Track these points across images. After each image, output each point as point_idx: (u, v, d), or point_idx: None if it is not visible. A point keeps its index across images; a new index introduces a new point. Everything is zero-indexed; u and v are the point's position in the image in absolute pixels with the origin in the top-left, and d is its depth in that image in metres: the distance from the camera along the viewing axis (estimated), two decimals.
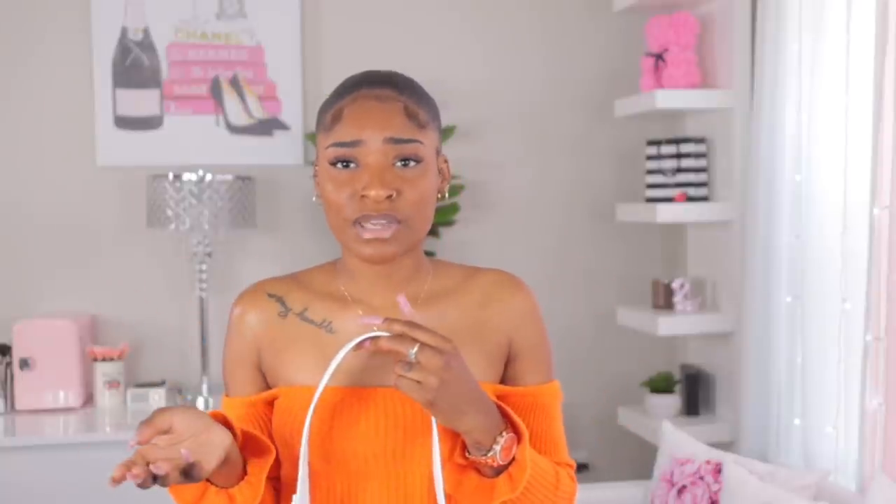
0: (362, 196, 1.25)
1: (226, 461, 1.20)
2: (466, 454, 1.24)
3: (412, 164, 1.27)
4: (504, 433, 1.22)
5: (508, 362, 1.38)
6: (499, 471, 1.24)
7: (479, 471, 1.25)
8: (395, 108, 1.28)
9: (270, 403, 1.37)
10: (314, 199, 1.35)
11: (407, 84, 1.33)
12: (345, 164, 1.27)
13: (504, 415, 1.25)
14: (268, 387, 1.38)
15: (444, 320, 1.35)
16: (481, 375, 1.33)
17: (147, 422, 1.15)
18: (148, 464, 1.12)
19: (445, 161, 1.38)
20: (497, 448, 1.21)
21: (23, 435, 2.73)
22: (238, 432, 1.25)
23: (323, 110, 1.33)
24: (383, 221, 1.25)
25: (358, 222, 1.26)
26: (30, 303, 3.21)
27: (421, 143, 1.28)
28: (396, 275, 1.35)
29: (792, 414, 2.79)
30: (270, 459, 1.27)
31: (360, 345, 1.19)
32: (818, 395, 2.67)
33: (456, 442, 1.26)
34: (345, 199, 1.26)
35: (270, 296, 1.38)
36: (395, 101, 1.29)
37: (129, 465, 1.11)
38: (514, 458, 1.23)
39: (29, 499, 2.72)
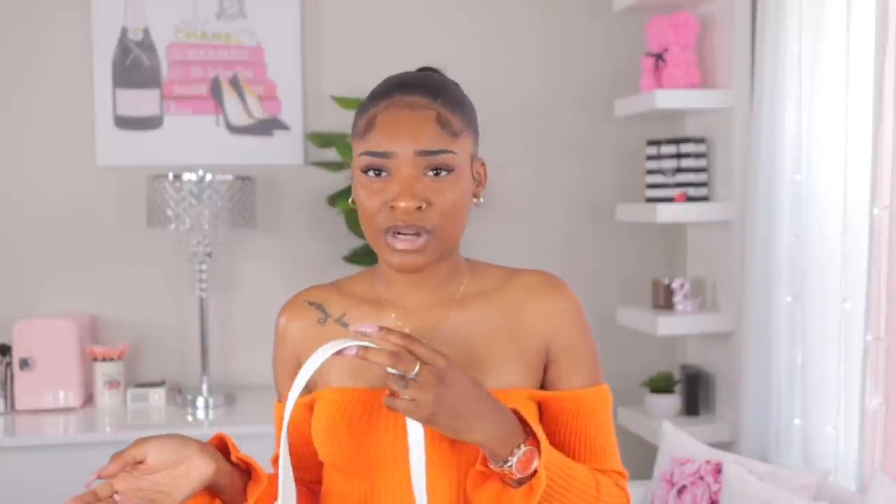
0: (392, 206, 1.25)
1: (217, 487, 1.25)
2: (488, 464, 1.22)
3: (444, 173, 1.27)
4: (522, 445, 1.19)
5: (548, 365, 1.36)
6: (522, 481, 1.21)
7: (502, 479, 1.22)
8: (428, 116, 1.26)
9: (311, 407, 1.38)
10: (350, 201, 1.36)
11: (442, 89, 1.30)
12: (376, 172, 1.27)
13: (524, 424, 1.23)
14: (310, 392, 1.39)
15: (480, 322, 1.34)
16: (517, 381, 1.31)
17: (118, 454, 1.18)
18: (113, 493, 1.16)
19: (482, 165, 1.37)
20: (513, 460, 1.19)
21: (23, 435, 2.73)
22: (234, 459, 1.27)
23: (358, 114, 1.32)
24: (412, 233, 1.25)
25: (389, 232, 1.26)
26: (30, 303, 3.21)
27: (453, 153, 1.27)
28: (431, 278, 1.35)
29: (792, 414, 2.79)
30: (261, 488, 1.28)
31: (340, 352, 1.17)
32: (818, 395, 2.67)
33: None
34: (376, 208, 1.26)
35: (311, 304, 1.40)
36: (428, 109, 1.27)
37: (95, 495, 1.14)
38: (535, 471, 1.20)
39: (29, 499, 2.72)
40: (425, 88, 1.29)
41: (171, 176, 2.95)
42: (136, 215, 3.25)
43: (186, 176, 2.95)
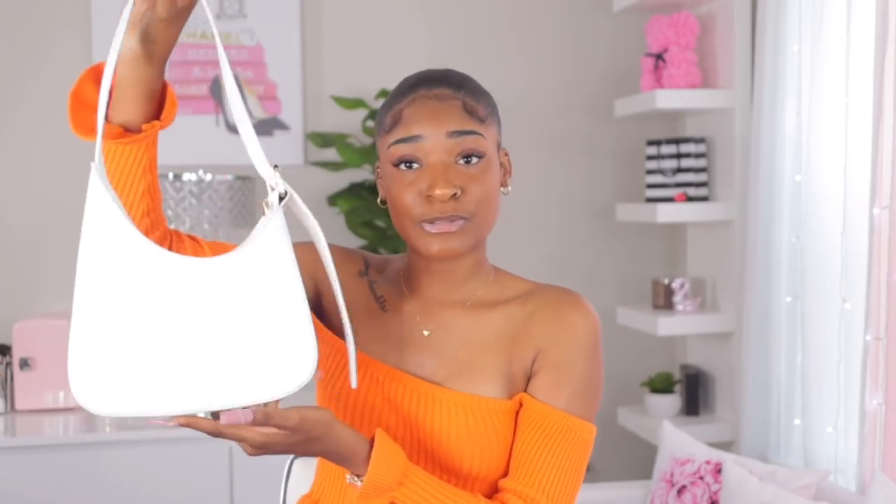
0: (428, 196, 1.25)
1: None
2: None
3: (475, 160, 1.28)
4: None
5: (531, 378, 1.33)
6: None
7: None
8: (454, 105, 1.29)
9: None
10: (379, 201, 1.36)
11: (463, 81, 1.34)
12: (408, 164, 1.27)
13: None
14: (316, 296, 1.37)
15: (484, 330, 1.33)
16: (497, 391, 1.30)
17: None
18: None
19: (506, 154, 1.39)
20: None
21: (23, 435, 2.73)
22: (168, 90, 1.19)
23: (382, 113, 1.33)
24: (449, 220, 1.26)
25: (423, 223, 1.26)
26: (30, 303, 3.20)
27: (481, 135, 1.28)
28: (452, 274, 1.34)
29: (792, 414, 2.79)
30: (164, 121, 1.19)
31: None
32: (818, 395, 2.67)
33: None
34: (410, 201, 1.26)
35: (364, 258, 1.42)
36: (454, 99, 1.29)
37: None
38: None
39: (29, 499, 2.71)
40: (448, 82, 1.32)
41: (171, 176, 2.95)
42: None
43: (186, 176, 2.95)
